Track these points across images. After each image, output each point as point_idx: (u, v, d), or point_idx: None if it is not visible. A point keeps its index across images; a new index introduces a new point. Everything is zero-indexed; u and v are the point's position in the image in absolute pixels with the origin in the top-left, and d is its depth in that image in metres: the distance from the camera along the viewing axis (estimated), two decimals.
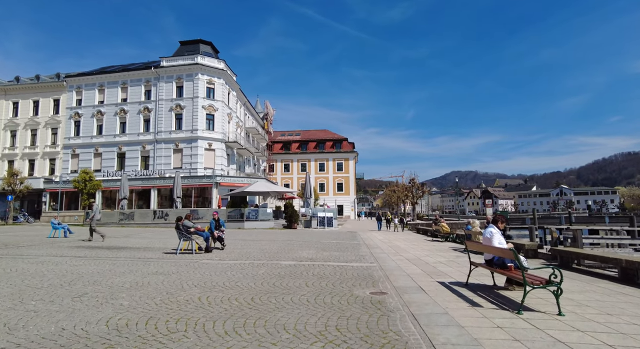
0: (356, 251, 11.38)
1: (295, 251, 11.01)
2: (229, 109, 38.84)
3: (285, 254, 10.35)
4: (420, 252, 11.67)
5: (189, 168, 34.76)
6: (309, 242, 14.25)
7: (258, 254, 10.32)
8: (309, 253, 10.53)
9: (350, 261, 9.10)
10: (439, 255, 10.86)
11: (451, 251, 12.29)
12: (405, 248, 12.97)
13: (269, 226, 25.35)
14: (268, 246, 12.52)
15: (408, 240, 17.31)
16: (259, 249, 11.66)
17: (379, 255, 10.54)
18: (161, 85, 37.09)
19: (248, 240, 15.16)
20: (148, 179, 34.19)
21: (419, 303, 4.73)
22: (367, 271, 7.45)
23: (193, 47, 38.88)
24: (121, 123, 37.63)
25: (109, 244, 12.85)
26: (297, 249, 11.75)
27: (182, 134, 35.83)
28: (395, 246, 13.94)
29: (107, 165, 36.69)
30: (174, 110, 36.35)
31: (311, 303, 4.64)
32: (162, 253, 10.42)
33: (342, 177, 62.10)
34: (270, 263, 8.40)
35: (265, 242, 14.01)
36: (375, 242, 15.19)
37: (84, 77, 38.53)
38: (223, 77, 37.73)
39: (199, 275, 6.75)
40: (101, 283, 5.94)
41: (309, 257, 9.50)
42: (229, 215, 24.70)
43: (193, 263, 8.32)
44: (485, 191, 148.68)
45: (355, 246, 13.06)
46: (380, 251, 11.87)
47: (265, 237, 16.68)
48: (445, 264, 8.86)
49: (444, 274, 7.27)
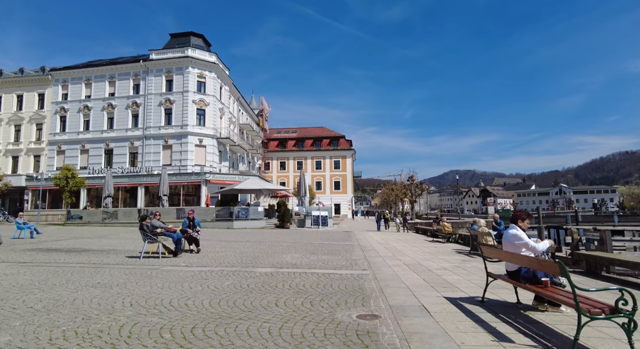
0: (349, 254, 10.06)
1: (279, 255, 9.68)
2: (221, 104, 37.41)
3: (266, 258, 9.01)
4: (421, 255, 10.36)
5: (179, 165, 33.36)
6: (297, 244, 12.92)
7: (234, 258, 8.98)
8: (294, 257, 9.20)
9: (339, 267, 7.77)
10: (442, 259, 9.55)
11: (455, 253, 10.99)
12: (404, 251, 11.66)
13: (260, 226, 24.01)
14: (250, 249, 11.18)
15: (407, 241, 16.02)
16: (239, 252, 10.32)
17: (373, 259, 9.22)
18: (150, 79, 35.64)
19: (231, 241, 13.81)
20: (135, 176, 32.76)
21: (423, 336, 3.40)
22: (357, 281, 6.13)
23: (184, 40, 37.40)
24: (109, 118, 36.19)
25: (71, 247, 11.48)
26: (282, 252, 10.42)
27: (172, 129, 34.41)
28: (392, 248, 12.62)
29: (94, 162, 35.25)
30: (163, 105, 34.92)
31: (272, 337, 3.31)
32: (125, 257, 9.07)
33: (339, 176, 60.77)
34: (243, 271, 7.06)
35: (249, 245, 12.67)
36: (371, 244, 13.88)
37: (70, 71, 37.01)
38: (215, 71, 36.29)
39: (148, 288, 5.41)
40: (10, 300, 4.59)
41: (292, 263, 8.17)
42: (217, 214, 23.34)
43: (151, 271, 6.98)
44: (484, 189, 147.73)
45: (348, 248, 11.74)
46: (376, 254, 10.55)
47: (252, 238, 15.34)
48: (451, 270, 7.54)
49: (452, 285, 5.95)
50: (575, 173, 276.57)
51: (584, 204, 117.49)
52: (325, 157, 61.35)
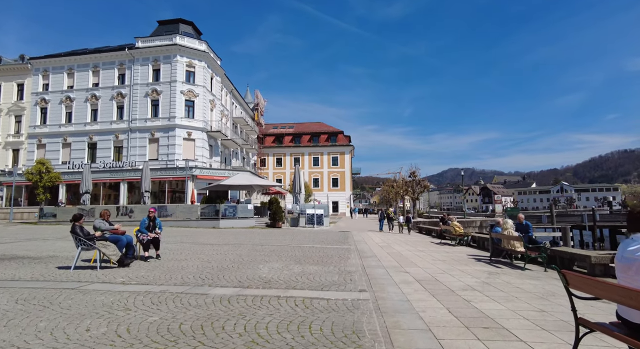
0: (343, 264, 8.05)
1: (254, 265, 7.65)
2: (211, 95, 35.29)
3: (235, 271, 6.98)
4: (433, 264, 8.35)
5: (166, 160, 31.29)
6: (284, 249, 10.90)
7: (194, 270, 6.95)
8: (272, 269, 7.18)
9: (328, 285, 5.76)
10: (461, 271, 7.54)
11: (473, 261, 8.99)
12: (411, 257, 9.65)
13: (249, 225, 22.00)
14: (223, 255, 9.15)
15: (411, 244, 14.02)
16: (205, 260, 8.29)
17: (374, 272, 7.21)
18: (136, 69, 33.49)
19: (207, 244, 11.77)
20: (118, 171, 30.67)
21: None
22: (351, 315, 4.12)
23: (172, 27, 35.23)
24: (92, 110, 34.07)
25: (6, 252, 9.43)
26: (260, 260, 8.40)
27: (159, 122, 32.31)
28: (396, 253, 10.62)
29: (77, 156, 33.12)
30: (150, 96, 32.79)
31: None
32: (54, 268, 7.05)
33: (337, 172, 58.72)
34: (190, 294, 5.03)
35: (226, 249, 10.64)
36: (371, 248, 11.87)
37: (51, 60, 34.82)
38: (205, 60, 34.14)
39: (16, 332, 3.38)
40: None
41: (265, 279, 6.15)
42: (202, 212, 21.29)
43: (61, 294, 4.94)
44: (484, 187, 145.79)
45: (343, 254, 9.73)
46: (377, 262, 8.54)
47: (234, 240, 13.32)
48: (481, 291, 5.54)
49: (496, 325, 3.94)
50: (574, 171, 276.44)
51: (585, 203, 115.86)
52: (323, 153, 59.27)
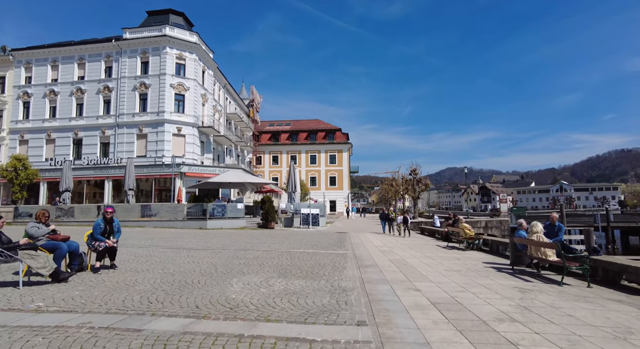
0: (337, 276, 6.59)
1: (228, 279, 6.18)
2: (203, 89, 33.72)
3: (201, 287, 5.51)
4: (447, 278, 6.89)
5: (155, 156, 29.73)
6: (270, 255, 9.43)
7: (148, 287, 5.47)
8: (248, 285, 5.71)
9: (314, 312, 4.30)
10: (485, 287, 6.10)
11: (494, 271, 7.56)
12: (418, 266, 8.20)
13: (239, 226, 20.51)
14: (194, 265, 7.67)
15: (416, 248, 12.59)
16: (169, 272, 6.80)
17: (376, 290, 5.75)
18: (124, 61, 31.88)
19: (182, 249, 10.29)
20: (103, 168, 29.10)
21: None
22: None
23: (162, 18, 33.61)
24: (78, 105, 32.44)
25: None
26: (237, 271, 6.92)
27: (147, 117, 30.73)
28: (400, 260, 9.18)
29: (62, 153, 31.46)
30: (138, 89, 31.20)
31: None
32: None
33: (335, 171, 57.30)
34: (118, 330, 3.55)
35: (203, 255, 9.16)
36: (370, 253, 10.43)
37: (34, 51, 33.15)
38: (196, 52, 32.56)
39: None
40: None
41: (233, 302, 4.68)
42: (188, 212, 19.78)
43: None
44: (483, 186, 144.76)
45: (338, 262, 8.27)
46: (379, 274, 7.09)
47: (216, 244, 11.84)
48: (527, 324, 4.09)
49: None
50: (572, 171, 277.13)
51: (585, 202, 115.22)
52: (320, 151, 57.81)
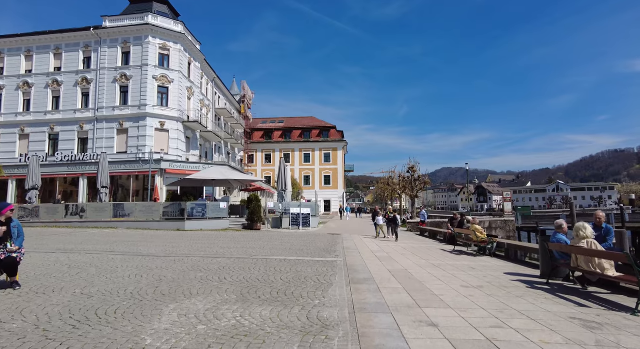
0: (318, 299, 4.79)
1: (161, 307, 4.35)
2: (188, 81, 31.75)
3: (104, 324, 3.67)
4: (469, 300, 5.11)
5: (136, 152, 27.75)
6: (239, 265, 7.60)
7: (27, 325, 3.62)
8: (182, 320, 3.89)
9: None
10: (528, 317, 4.33)
11: (525, 288, 5.82)
12: (426, 280, 6.43)
13: (222, 227, 18.64)
14: (132, 279, 5.80)
15: (419, 253, 10.84)
16: (87, 294, 4.93)
17: (372, 325, 3.94)
18: (104, 51, 29.83)
19: (139, 256, 8.41)
20: (78, 164, 27.03)
21: None
22: None
23: (145, 6, 31.56)
24: (54, 97, 30.33)
25: None
26: (182, 292, 5.09)
27: (128, 110, 28.72)
28: (402, 271, 7.40)
29: (36, 149, 29.29)
30: (118, 81, 29.17)
31: None
32: None
33: (329, 170, 55.58)
34: None
35: (157, 265, 7.29)
36: (365, 261, 8.64)
37: (6, 40, 30.91)
38: (181, 43, 30.59)
39: None
40: None
41: None
42: (165, 212, 17.86)
43: None
44: (479, 186, 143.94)
45: (324, 275, 6.47)
46: (376, 296, 5.30)
47: (184, 250, 9.98)
48: None
49: None
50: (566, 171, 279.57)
51: (581, 202, 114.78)
52: (314, 149, 56.08)
